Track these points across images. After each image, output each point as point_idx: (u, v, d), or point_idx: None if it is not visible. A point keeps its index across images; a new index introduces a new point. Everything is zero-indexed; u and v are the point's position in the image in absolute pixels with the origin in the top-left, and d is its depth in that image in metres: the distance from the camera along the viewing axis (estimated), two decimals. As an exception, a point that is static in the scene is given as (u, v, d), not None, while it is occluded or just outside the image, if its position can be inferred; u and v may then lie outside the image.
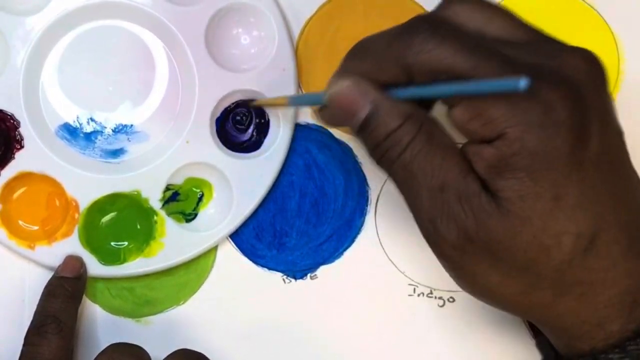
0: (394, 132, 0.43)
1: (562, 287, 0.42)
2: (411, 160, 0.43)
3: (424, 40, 0.41)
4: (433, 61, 0.41)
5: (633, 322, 0.42)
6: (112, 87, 0.55)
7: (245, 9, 0.55)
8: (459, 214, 0.42)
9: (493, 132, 0.41)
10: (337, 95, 0.44)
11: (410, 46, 0.42)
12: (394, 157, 0.43)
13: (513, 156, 0.41)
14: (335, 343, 0.55)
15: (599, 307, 0.42)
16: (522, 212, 0.41)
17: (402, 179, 0.43)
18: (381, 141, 0.43)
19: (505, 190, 0.41)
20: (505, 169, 0.41)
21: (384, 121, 0.43)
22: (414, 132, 0.43)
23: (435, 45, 0.41)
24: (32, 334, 0.51)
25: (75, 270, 0.54)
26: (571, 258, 0.42)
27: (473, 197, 0.42)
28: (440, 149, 0.42)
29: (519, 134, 0.40)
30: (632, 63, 0.56)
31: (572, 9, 0.56)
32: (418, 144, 0.42)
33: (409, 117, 0.43)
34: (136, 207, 0.55)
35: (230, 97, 0.55)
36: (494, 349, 0.55)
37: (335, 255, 0.56)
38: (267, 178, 0.55)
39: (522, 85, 0.37)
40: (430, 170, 0.42)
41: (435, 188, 0.42)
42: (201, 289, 0.56)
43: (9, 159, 0.54)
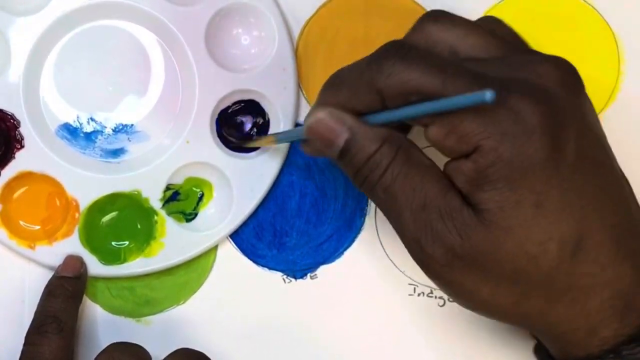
0: (372, 155, 0.44)
1: (553, 293, 0.43)
2: (391, 182, 0.43)
3: (392, 65, 0.42)
4: (402, 83, 0.42)
5: (627, 326, 0.43)
6: (112, 86, 0.55)
7: (246, 9, 0.55)
8: (443, 231, 0.42)
9: (468, 145, 0.41)
10: (314, 125, 0.45)
11: (380, 71, 0.42)
12: (374, 180, 0.44)
13: (490, 167, 0.41)
14: (335, 343, 0.55)
15: (592, 312, 0.43)
16: (504, 222, 0.41)
17: (384, 201, 0.44)
18: (361, 166, 0.44)
19: (485, 202, 0.41)
20: (484, 180, 0.41)
21: (361, 146, 0.44)
22: (392, 154, 0.43)
23: (404, 68, 0.42)
24: (33, 333, 0.51)
25: (75, 270, 0.54)
26: (558, 264, 0.42)
27: (455, 213, 0.42)
28: (419, 169, 0.43)
29: (493, 144, 0.41)
30: (632, 63, 0.56)
31: (572, 9, 0.56)
32: (397, 166, 0.43)
33: (386, 140, 0.44)
34: (136, 206, 0.55)
35: (230, 97, 0.55)
36: (494, 348, 0.55)
37: (335, 255, 0.56)
38: (267, 178, 0.55)
39: (488, 97, 0.38)
40: (411, 190, 0.43)
41: (417, 208, 0.43)
42: (201, 289, 0.56)
43: (9, 158, 0.54)
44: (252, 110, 0.55)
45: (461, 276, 0.43)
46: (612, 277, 0.42)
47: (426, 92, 0.41)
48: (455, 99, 0.40)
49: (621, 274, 0.42)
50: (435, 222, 0.42)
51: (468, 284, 0.43)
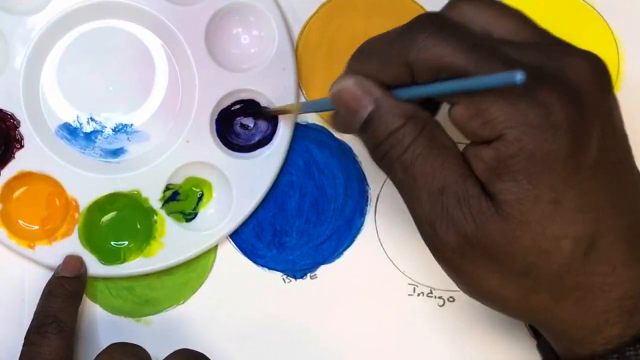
0: (395, 132, 0.43)
1: (562, 291, 0.42)
2: (412, 161, 0.42)
3: (426, 38, 0.41)
4: (434, 59, 0.41)
5: (632, 327, 0.42)
6: (112, 86, 0.55)
7: (245, 8, 0.55)
8: (459, 217, 0.42)
9: (492, 132, 0.41)
10: (340, 92, 0.44)
11: (412, 44, 0.42)
12: (394, 157, 0.43)
13: (511, 158, 0.40)
14: (335, 343, 0.55)
15: (598, 311, 0.42)
16: (521, 216, 0.41)
17: (402, 180, 0.43)
18: (382, 141, 0.43)
19: (503, 193, 0.41)
20: (504, 171, 0.41)
21: (385, 120, 0.43)
22: (416, 133, 0.43)
23: (437, 42, 0.41)
24: (33, 333, 0.51)
25: (75, 269, 0.54)
26: (570, 262, 0.42)
27: (472, 201, 0.42)
28: (441, 152, 0.42)
29: (518, 135, 0.40)
30: (632, 63, 0.56)
31: (572, 9, 0.57)
32: (419, 146, 0.42)
33: (411, 117, 0.43)
34: (136, 206, 0.55)
35: (230, 96, 0.55)
36: (494, 348, 0.55)
37: (335, 254, 0.56)
38: (266, 178, 0.55)
39: (518, 79, 0.37)
40: (431, 172, 0.42)
41: (435, 191, 0.42)
42: (201, 289, 0.56)
43: (9, 158, 0.54)
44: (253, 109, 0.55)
45: (471, 264, 0.43)
46: (623, 278, 0.42)
47: (457, 70, 0.40)
48: (485, 78, 0.40)
49: (632, 275, 0.42)
50: (452, 207, 0.42)
51: (477, 273, 0.43)
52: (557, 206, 0.41)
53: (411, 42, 0.42)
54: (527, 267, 0.42)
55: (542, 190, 0.41)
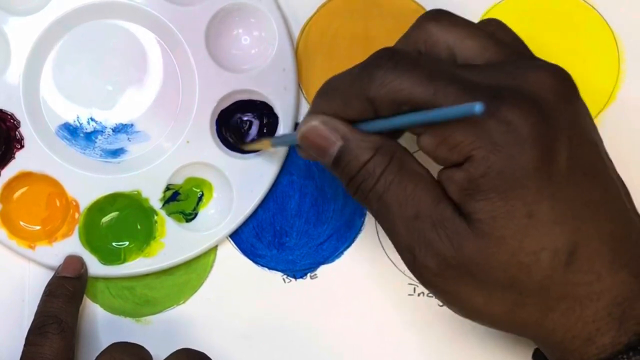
0: (365, 164, 0.44)
1: (548, 303, 0.42)
2: (384, 190, 0.43)
3: (384, 74, 0.42)
4: (393, 93, 0.42)
5: (624, 335, 0.42)
6: (112, 86, 0.55)
7: (246, 9, 0.55)
8: (435, 240, 0.42)
9: (460, 155, 0.41)
10: (307, 133, 0.45)
11: (371, 81, 0.42)
12: (367, 189, 0.44)
13: (481, 177, 0.41)
14: (335, 343, 0.55)
15: (588, 321, 0.42)
16: (496, 232, 0.41)
17: (378, 210, 0.44)
18: (355, 174, 0.44)
19: (477, 212, 0.41)
20: (476, 190, 0.41)
21: (355, 154, 0.44)
22: (386, 162, 0.43)
23: (395, 77, 0.42)
24: (34, 334, 0.51)
25: (75, 270, 0.54)
26: (552, 274, 0.42)
27: (447, 223, 0.42)
28: (412, 178, 0.43)
29: (485, 154, 0.41)
30: (632, 63, 0.56)
31: (572, 9, 0.56)
32: (390, 174, 0.43)
33: (379, 148, 0.44)
34: (136, 207, 0.55)
35: (230, 97, 0.55)
36: (494, 349, 0.55)
37: (335, 255, 0.56)
38: (267, 178, 0.55)
39: (477, 110, 0.38)
40: (404, 199, 0.43)
41: (409, 217, 0.43)
42: (201, 289, 0.56)
43: (9, 158, 0.54)
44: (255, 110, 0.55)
45: (454, 285, 0.43)
46: (609, 286, 0.42)
47: (417, 102, 0.41)
48: (445, 110, 0.40)
49: (618, 282, 0.42)
50: (428, 231, 0.42)
51: (461, 293, 0.43)
52: (532, 219, 0.41)
53: (370, 80, 0.42)
54: (509, 282, 0.42)
55: (514, 205, 0.41)
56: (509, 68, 0.43)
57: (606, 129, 0.54)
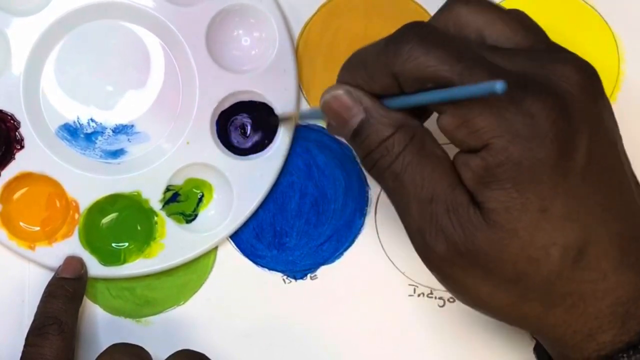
0: (385, 140, 0.43)
1: (552, 298, 0.42)
2: (401, 170, 0.43)
3: (410, 49, 0.41)
4: (419, 70, 0.41)
5: (625, 333, 0.42)
6: (113, 87, 0.55)
7: (246, 10, 0.55)
8: (447, 226, 0.42)
9: (478, 141, 0.41)
10: (330, 102, 0.44)
11: (397, 55, 0.42)
12: (384, 166, 0.43)
13: (498, 167, 0.41)
14: (335, 343, 0.55)
15: (590, 318, 0.42)
16: (509, 224, 0.41)
17: (393, 189, 0.44)
18: (373, 150, 0.43)
19: (491, 201, 0.41)
20: (491, 179, 0.41)
21: (375, 129, 0.43)
22: (405, 142, 0.43)
23: (422, 53, 0.41)
24: (34, 335, 0.51)
25: (75, 271, 0.54)
26: (560, 270, 0.42)
27: (461, 209, 0.42)
28: (430, 160, 0.43)
29: (504, 144, 0.40)
30: (632, 63, 0.56)
31: (572, 9, 0.56)
32: (409, 155, 0.43)
33: (401, 126, 0.43)
34: (136, 207, 0.55)
35: (230, 98, 0.55)
36: (494, 349, 0.55)
37: (335, 255, 0.56)
38: (267, 179, 0.55)
39: (498, 88, 0.37)
40: (420, 181, 0.43)
41: (424, 199, 0.42)
42: (201, 289, 0.56)
43: (9, 159, 0.54)
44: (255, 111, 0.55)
45: (461, 272, 0.43)
46: (614, 285, 0.42)
47: (442, 80, 0.41)
48: (466, 88, 0.40)
49: (624, 281, 0.42)
50: (441, 216, 0.42)
51: (467, 281, 0.43)
52: (545, 214, 0.41)
53: (396, 54, 0.42)
54: (517, 275, 0.42)
55: (529, 198, 0.41)
56: (538, 57, 0.42)
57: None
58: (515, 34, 0.44)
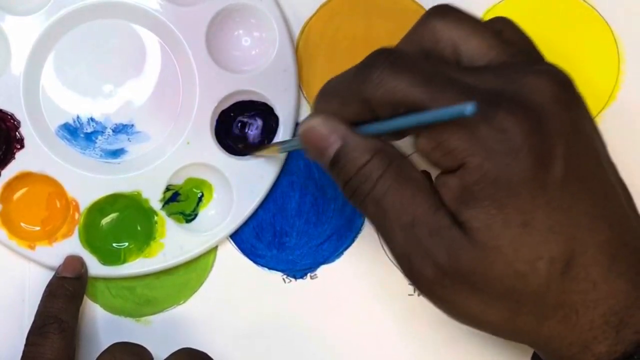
0: (362, 167, 0.43)
1: (544, 311, 0.42)
2: (382, 196, 0.43)
3: (380, 74, 0.42)
4: (389, 94, 0.41)
5: (621, 343, 0.42)
6: (113, 86, 0.55)
7: (247, 10, 0.55)
8: (432, 249, 0.42)
9: (454, 161, 0.41)
10: (307, 132, 0.45)
11: (367, 81, 0.42)
12: (364, 193, 0.43)
13: (475, 185, 0.41)
14: (335, 343, 0.55)
15: (584, 329, 0.42)
16: (491, 242, 0.41)
17: (374, 215, 0.44)
18: (351, 177, 0.43)
19: (472, 220, 0.41)
20: (470, 198, 0.41)
21: (352, 157, 0.43)
22: (384, 167, 0.43)
23: (391, 79, 0.41)
24: (34, 334, 0.51)
25: (75, 270, 0.54)
26: (548, 282, 0.42)
27: (444, 231, 0.42)
28: (410, 184, 0.43)
29: (479, 162, 0.40)
30: (632, 63, 0.56)
31: (572, 9, 0.56)
32: (388, 180, 0.43)
33: (378, 152, 0.43)
34: (136, 207, 0.55)
35: (230, 98, 0.55)
36: (494, 349, 0.55)
37: (335, 255, 0.56)
38: (267, 179, 0.55)
39: (468, 111, 0.37)
40: (401, 206, 0.43)
41: (406, 224, 0.42)
42: (201, 289, 0.56)
43: (9, 159, 0.54)
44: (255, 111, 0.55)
45: (451, 293, 0.43)
46: (606, 294, 0.42)
47: (413, 104, 0.41)
48: (437, 111, 0.40)
49: (615, 290, 0.42)
50: (425, 239, 0.42)
51: (458, 301, 0.43)
52: (527, 228, 0.41)
53: (366, 80, 0.42)
54: (506, 291, 0.42)
55: (509, 214, 0.41)
56: (510, 72, 0.42)
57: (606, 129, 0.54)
58: (490, 49, 0.44)
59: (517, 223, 0.41)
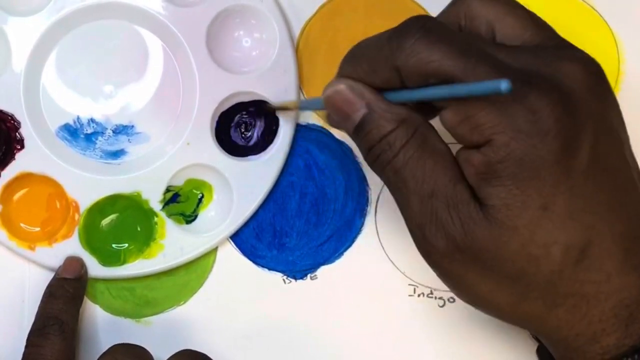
0: (387, 135, 0.43)
1: (554, 298, 0.42)
2: (403, 164, 0.43)
3: (414, 43, 0.41)
4: (422, 65, 0.41)
5: (629, 337, 0.42)
6: (113, 87, 0.55)
7: (247, 11, 0.55)
8: (447, 221, 0.42)
9: (480, 137, 0.41)
10: (332, 96, 0.44)
11: (400, 49, 0.41)
12: (386, 161, 0.43)
13: (499, 163, 0.40)
14: (335, 343, 0.55)
15: (594, 320, 0.42)
16: (509, 221, 0.41)
17: (394, 183, 0.43)
18: (375, 144, 0.43)
19: (492, 198, 0.41)
20: (493, 176, 0.41)
21: (377, 124, 0.43)
22: (408, 136, 0.43)
23: (425, 48, 0.41)
24: (35, 335, 0.51)
25: (75, 271, 0.54)
26: (561, 269, 0.41)
27: (461, 205, 0.42)
28: (432, 155, 0.43)
29: (506, 140, 0.40)
30: (632, 63, 0.56)
31: (572, 9, 0.57)
32: (410, 149, 0.42)
33: (403, 121, 0.43)
34: (136, 208, 0.55)
35: (231, 99, 0.55)
36: (494, 349, 0.55)
37: (335, 255, 0.56)
38: (267, 180, 0.55)
39: (503, 88, 0.37)
40: (421, 176, 0.42)
41: (425, 194, 0.42)
42: (201, 289, 0.56)
43: (9, 159, 0.54)
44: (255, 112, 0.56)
45: (461, 269, 0.43)
46: (618, 287, 0.42)
47: (445, 76, 0.40)
48: (470, 85, 0.40)
49: (628, 283, 0.42)
50: (441, 211, 0.42)
51: (467, 278, 0.43)
52: (546, 212, 0.41)
53: (399, 48, 0.41)
54: (517, 273, 0.42)
55: (530, 196, 0.41)
56: (545, 54, 0.42)
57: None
58: (525, 30, 0.43)
59: (537, 205, 0.41)
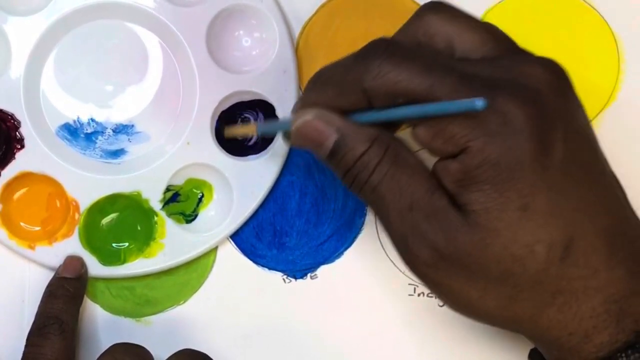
0: (361, 156, 0.43)
1: (543, 297, 0.42)
2: (379, 182, 0.43)
3: (380, 64, 0.42)
4: (389, 85, 0.41)
5: (621, 332, 0.42)
6: (113, 87, 0.55)
7: (247, 10, 0.55)
8: (428, 231, 0.42)
9: (455, 147, 0.41)
10: (302, 129, 0.45)
11: (367, 71, 0.42)
12: (363, 180, 0.44)
13: (476, 168, 0.41)
14: (335, 342, 0.55)
15: (584, 317, 0.42)
16: (490, 224, 0.41)
17: (373, 201, 0.44)
18: (350, 167, 0.44)
19: (471, 203, 0.41)
20: (470, 182, 0.41)
21: (351, 147, 0.44)
22: (381, 154, 0.43)
23: (392, 68, 0.41)
24: (34, 335, 0.51)
25: (75, 270, 0.54)
26: (547, 267, 0.42)
27: (441, 214, 0.42)
28: (406, 169, 0.43)
29: (480, 146, 0.41)
30: (632, 63, 0.56)
31: (572, 9, 0.56)
32: (385, 166, 0.43)
33: (374, 140, 0.43)
34: (136, 207, 0.55)
35: (231, 98, 0.55)
36: (494, 349, 0.55)
37: (335, 255, 0.56)
38: (267, 179, 0.55)
39: (478, 105, 0.38)
40: (398, 190, 0.43)
41: (404, 207, 0.43)
42: (201, 289, 0.56)
43: (9, 159, 0.54)
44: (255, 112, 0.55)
45: (447, 278, 0.43)
46: (605, 282, 0.42)
47: (414, 94, 0.41)
48: (445, 105, 0.40)
49: (615, 278, 0.42)
50: (422, 222, 0.42)
51: (454, 286, 0.43)
52: (527, 212, 0.41)
53: (365, 70, 0.42)
54: (503, 275, 0.42)
55: (509, 197, 0.41)
56: (506, 62, 0.43)
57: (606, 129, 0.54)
58: (484, 44, 0.44)
59: (516, 206, 0.41)
